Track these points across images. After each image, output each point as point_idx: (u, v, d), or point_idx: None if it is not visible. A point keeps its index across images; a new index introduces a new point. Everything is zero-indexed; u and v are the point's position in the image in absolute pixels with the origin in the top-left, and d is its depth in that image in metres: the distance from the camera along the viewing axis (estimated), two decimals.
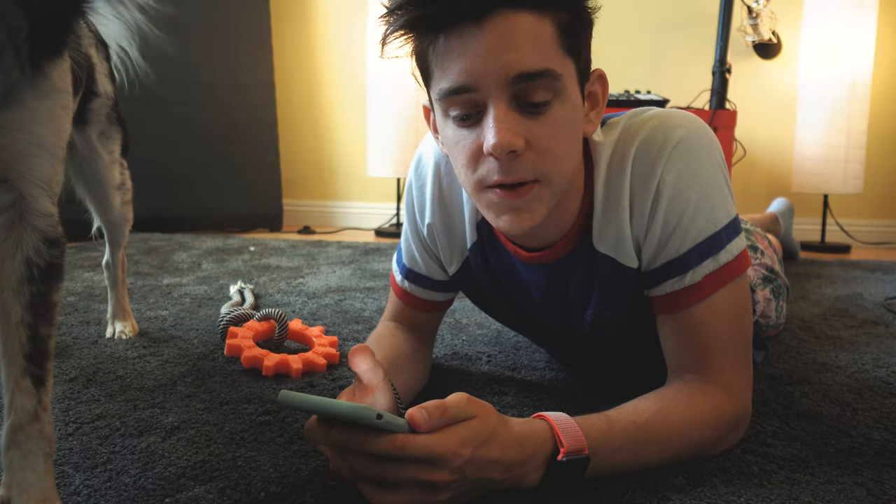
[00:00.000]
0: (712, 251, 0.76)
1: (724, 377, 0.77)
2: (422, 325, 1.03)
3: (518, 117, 0.69)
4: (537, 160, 0.70)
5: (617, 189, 0.78)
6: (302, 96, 3.33)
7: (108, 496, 0.68)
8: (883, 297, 1.71)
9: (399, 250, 1.04)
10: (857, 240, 2.89)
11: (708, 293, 0.77)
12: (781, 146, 2.95)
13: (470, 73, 0.67)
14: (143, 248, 2.34)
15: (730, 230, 0.78)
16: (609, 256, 0.81)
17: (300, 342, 1.22)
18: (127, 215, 1.23)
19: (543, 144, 0.69)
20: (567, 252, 0.84)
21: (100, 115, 1.11)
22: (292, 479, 0.72)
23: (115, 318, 1.29)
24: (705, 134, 0.79)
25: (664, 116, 0.79)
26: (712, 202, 0.77)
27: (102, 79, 1.10)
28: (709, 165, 0.77)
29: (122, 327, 1.27)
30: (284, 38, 3.29)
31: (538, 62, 0.67)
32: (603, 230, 0.81)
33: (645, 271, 0.81)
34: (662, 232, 0.77)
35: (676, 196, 0.76)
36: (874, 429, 0.87)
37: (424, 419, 0.60)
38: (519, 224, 0.73)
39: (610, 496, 0.68)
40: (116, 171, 1.18)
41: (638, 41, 3.02)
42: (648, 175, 0.76)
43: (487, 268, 0.93)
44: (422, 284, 1.00)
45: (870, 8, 2.59)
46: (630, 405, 0.74)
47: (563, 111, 0.70)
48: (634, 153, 0.77)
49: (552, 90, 0.69)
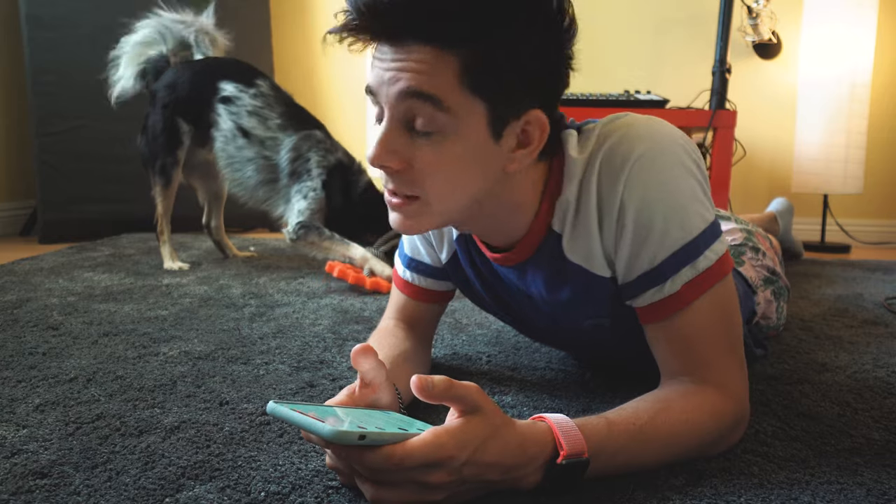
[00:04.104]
0: (689, 259, 0.76)
1: (719, 378, 0.77)
2: (422, 321, 1.04)
3: (404, 137, 0.72)
4: (415, 180, 0.73)
5: (586, 201, 0.79)
6: (302, 96, 3.33)
7: (108, 496, 0.68)
8: (883, 297, 1.71)
9: (401, 243, 1.06)
10: (857, 240, 2.89)
11: (689, 301, 0.76)
12: (781, 146, 2.95)
13: (374, 79, 0.72)
14: (143, 249, 2.34)
15: (707, 236, 0.77)
16: (580, 266, 0.82)
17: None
18: None
19: (424, 170, 0.72)
20: (525, 258, 0.85)
21: None
22: (292, 479, 0.72)
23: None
24: (671, 143, 0.77)
25: (628, 128, 0.78)
26: (683, 211, 0.76)
27: None
28: (676, 174, 0.76)
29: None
30: (284, 38, 3.29)
31: (424, 86, 0.69)
32: (573, 241, 0.81)
33: (622, 283, 0.81)
34: (633, 244, 0.77)
35: (643, 208, 0.75)
36: (874, 429, 0.87)
37: (426, 388, 0.61)
38: (403, 226, 0.77)
39: (610, 496, 0.68)
40: None
41: (638, 41, 3.02)
42: (612, 190, 0.76)
43: (471, 261, 0.95)
44: (423, 273, 1.02)
45: (870, 8, 2.59)
46: (629, 407, 0.74)
47: (452, 145, 0.71)
48: (599, 168, 0.77)
49: (435, 120, 0.70)
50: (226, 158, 2.02)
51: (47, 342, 1.22)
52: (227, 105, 2.00)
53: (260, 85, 2.03)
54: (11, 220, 2.92)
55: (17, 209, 2.94)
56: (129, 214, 2.72)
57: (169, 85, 2.04)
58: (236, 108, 1.99)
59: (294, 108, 2.05)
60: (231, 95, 2.00)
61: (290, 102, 2.06)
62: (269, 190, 2.01)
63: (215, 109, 2.01)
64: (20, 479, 0.71)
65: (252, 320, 1.42)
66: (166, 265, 2.03)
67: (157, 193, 2.06)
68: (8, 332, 1.29)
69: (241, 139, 1.99)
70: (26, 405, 0.92)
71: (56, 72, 2.62)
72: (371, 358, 0.70)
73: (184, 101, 2.02)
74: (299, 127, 2.00)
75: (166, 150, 2.03)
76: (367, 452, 0.59)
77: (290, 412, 0.60)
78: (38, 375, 1.04)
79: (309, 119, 2.06)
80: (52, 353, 1.16)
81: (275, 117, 1.99)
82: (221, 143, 2.01)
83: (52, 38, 2.61)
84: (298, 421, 0.59)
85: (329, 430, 0.57)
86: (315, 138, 1.99)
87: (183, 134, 2.03)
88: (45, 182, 2.62)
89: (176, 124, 2.03)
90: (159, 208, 2.07)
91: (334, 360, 1.15)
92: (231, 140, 2.00)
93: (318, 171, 1.94)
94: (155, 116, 2.04)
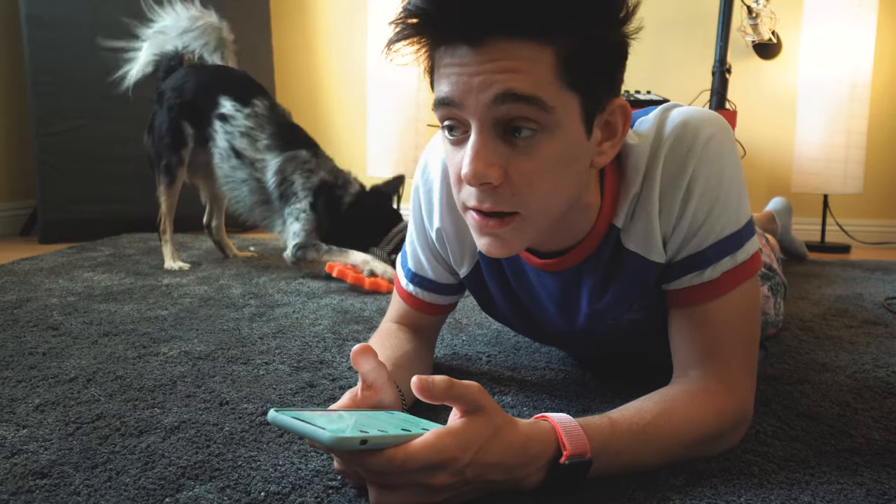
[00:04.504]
0: (731, 249, 0.77)
1: (730, 375, 0.77)
2: (425, 327, 1.03)
3: (500, 147, 0.66)
4: (516, 194, 0.67)
5: (648, 188, 0.78)
6: (302, 96, 3.33)
7: (108, 496, 0.68)
8: (883, 297, 1.71)
9: (404, 254, 1.03)
10: (857, 240, 2.89)
11: (724, 290, 0.77)
12: (781, 146, 2.95)
13: (455, 87, 0.66)
14: (143, 249, 2.34)
15: (748, 230, 0.79)
16: (637, 254, 0.81)
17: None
18: None
19: (524, 179, 0.67)
20: (582, 259, 0.83)
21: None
22: (292, 479, 0.71)
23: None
24: (730, 133, 0.79)
25: (692, 114, 0.79)
26: (737, 200, 0.78)
27: None
28: (734, 164, 0.78)
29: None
30: (284, 38, 3.29)
31: (526, 88, 0.64)
32: (633, 227, 0.80)
33: (667, 264, 0.81)
34: (690, 227, 0.77)
35: (707, 193, 0.76)
36: (874, 429, 0.87)
37: (427, 388, 0.60)
38: (497, 250, 0.71)
39: (610, 496, 0.68)
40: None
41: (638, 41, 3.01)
42: (680, 172, 0.76)
43: (499, 273, 0.92)
44: (428, 288, 1.00)
45: (870, 8, 2.59)
46: (633, 406, 0.74)
47: (554, 146, 0.67)
48: (665, 153, 0.77)
49: (539, 122, 0.65)
50: (223, 177, 2.07)
51: (47, 342, 1.22)
52: (223, 123, 2.04)
53: (256, 105, 2.05)
54: (11, 220, 2.92)
55: (17, 209, 2.94)
56: (129, 214, 2.73)
57: (176, 88, 2.07)
58: (231, 128, 2.03)
59: (284, 129, 2.07)
60: (228, 114, 2.04)
61: (282, 122, 2.08)
62: (265, 210, 2.05)
63: (213, 125, 2.05)
64: (20, 479, 0.71)
65: (252, 320, 1.42)
66: (167, 265, 2.03)
67: (162, 192, 2.08)
68: (8, 332, 1.29)
69: (234, 159, 2.03)
70: (26, 405, 0.92)
71: (56, 72, 2.62)
72: (371, 358, 0.69)
73: (188, 106, 2.05)
74: (285, 147, 2.02)
75: (171, 150, 2.06)
76: (369, 456, 0.59)
77: (290, 420, 0.60)
78: (38, 375, 1.04)
79: (297, 138, 2.07)
80: (52, 353, 1.16)
81: (264, 138, 2.02)
82: (218, 160, 2.06)
83: (52, 38, 2.61)
84: (299, 429, 0.59)
85: (329, 437, 0.56)
86: (299, 159, 2.01)
87: (187, 136, 2.07)
88: (45, 182, 2.62)
89: (180, 126, 2.06)
90: (163, 206, 2.08)
91: (334, 360, 1.15)
92: (226, 159, 2.04)
93: (304, 192, 1.97)
94: (161, 117, 2.08)
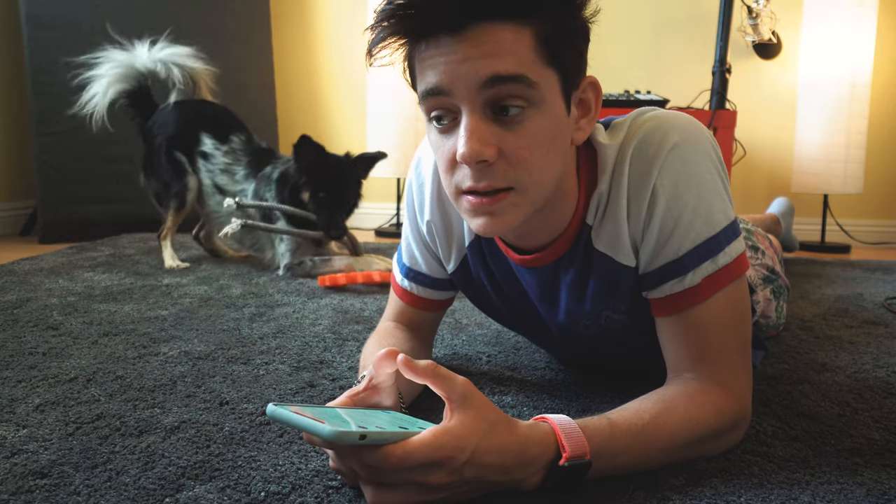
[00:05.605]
0: (711, 253, 0.77)
1: (724, 377, 0.77)
2: (422, 325, 1.04)
3: (491, 126, 0.69)
4: (510, 169, 0.70)
5: (616, 189, 0.79)
6: (302, 96, 3.33)
7: (108, 496, 0.68)
8: (883, 297, 1.71)
9: (399, 250, 1.04)
10: (857, 240, 2.89)
11: (707, 295, 0.77)
12: (781, 146, 2.95)
13: (443, 76, 0.68)
14: (143, 249, 2.34)
15: (728, 233, 0.78)
16: (606, 255, 0.82)
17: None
18: None
19: (517, 154, 0.70)
20: (558, 256, 0.84)
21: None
22: (292, 479, 0.72)
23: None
24: (702, 137, 0.79)
25: (662, 118, 0.79)
26: (710, 205, 0.77)
27: None
28: (705, 169, 0.77)
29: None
30: (284, 38, 3.29)
31: (511, 68, 0.67)
32: (601, 229, 0.81)
33: (643, 273, 0.81)
34: (660, 234, 0.77)
35: (673, 199, 0.76)
36: (874, 429, 0.87)
37: (411, 364, 0.63)
38: (492, 227, 0.73)
39: (610, 496, 0.68)
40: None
41: (638, 41, 3.02)
42: (644, 177, 0.77)
43: (485, 267, 0.93)
44: (422, 283, 1.01)
45: (870, 8, 2.59)
46: (631, 407, 0.74)
47: (541, 120, 0.70)
48: (631, 154, 0.78)
49: (526, 98, 0.68)
50: (211, 212, 2.11)
51: (47, 342, 1.22)
52: (205, 161, 2.09)
53: (232, 140, 2.10)
54: (11, 220, 2.92)
55: (17, 209, 2.94)
56: (129, 214, 2.72)
57: (161, 124, 2.14)
58: (211, 167, 2.08)
59: (257, 156, 2.10)
60: (208, 151, 2.09)
61: (255, 150, 2.11)
62: (252, 238, 2.08)
63: (196, 161, 2.10)
64: (20, 479, 0.71)
65: (252, 320, 1.42)
66: (167, 264, 2.03)
67: (170, 215, 2.11)
68: (8, 332, 1.29)
69: (218, 195, 2.08)
70: (26, 405, 0.92)
71: (56, 72, 2.62)
72: (393, 364, 0.69)
73: (175, 139, 2.11)
74: (256, 171, 2.05)
75: (176, 178, 2.10)
76: (366, 452, 0.59)
77: (289, 414, 0.60)
78: (38, 375, 1.04)
79: (265, 158, 2.09)
80: (52, 353, 1.16)
81: (240, 170, 2.07)
82: (204, 195, 2.11)
83: (52, 38, 2.61)
84: (298, 423, 0.59)
85: (329, 431, 0.56)
86: (265, 177, 2.03)
87: (184, 164, 2.11)
88: (45, 182, 2.62)
89: (175, 156, 2.11)
90: (168, 222, 2.11)
91: (334, 360, 1.15)
92: (211, 196, 2.10)
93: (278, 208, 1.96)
94: (156, 153, 2.12)
